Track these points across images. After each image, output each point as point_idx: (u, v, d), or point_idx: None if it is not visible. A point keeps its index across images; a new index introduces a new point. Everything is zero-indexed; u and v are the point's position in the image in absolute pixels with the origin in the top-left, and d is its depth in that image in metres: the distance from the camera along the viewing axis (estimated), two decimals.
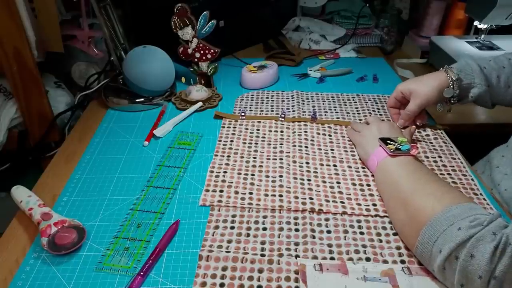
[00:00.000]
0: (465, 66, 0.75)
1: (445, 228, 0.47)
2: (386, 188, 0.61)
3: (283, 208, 0.61)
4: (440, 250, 0.47)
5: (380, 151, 0.64)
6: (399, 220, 0.56)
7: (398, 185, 0.57)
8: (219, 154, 0.73)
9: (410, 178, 0.57)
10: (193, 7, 0.85)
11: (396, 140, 0.65)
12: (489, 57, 0.76)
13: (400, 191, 0.56)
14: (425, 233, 0.49)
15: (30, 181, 0.67)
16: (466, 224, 0.46)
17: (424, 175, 0.57)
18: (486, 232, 0.44)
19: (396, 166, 0.61)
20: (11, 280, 0.50)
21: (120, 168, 0.70)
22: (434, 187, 0.54)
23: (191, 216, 0.60)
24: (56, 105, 0.95)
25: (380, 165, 0.63)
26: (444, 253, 0.46)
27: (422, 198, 0.53)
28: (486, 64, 0.75)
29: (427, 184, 0.55)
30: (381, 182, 0.63)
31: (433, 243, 0.48)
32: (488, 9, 0.98)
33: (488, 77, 0.74)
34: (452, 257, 0.45)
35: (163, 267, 0.52)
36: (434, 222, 0.48)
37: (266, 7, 1.22)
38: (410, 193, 0.55)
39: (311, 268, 0.51)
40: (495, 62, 0.75)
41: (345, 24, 1.25)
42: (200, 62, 0.92)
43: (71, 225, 0.56)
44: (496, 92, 0.75)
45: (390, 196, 0.59)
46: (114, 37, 0.92)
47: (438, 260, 0.47)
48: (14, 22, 0.79)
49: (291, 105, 0.89)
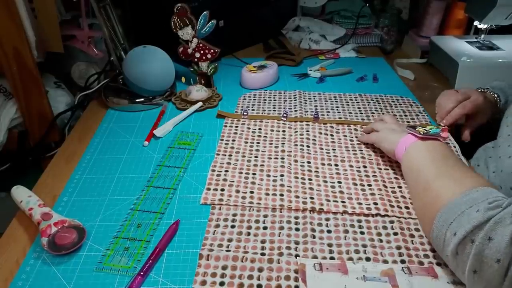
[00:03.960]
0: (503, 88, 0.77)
1: (462, 210, 0.45)
2: (412, 173, 0.60)
3: (284, 207, 0.61)
4: (455, 233, 0.44)
5: (409, 137, 0.63)
6: (419, 206, 0.55)
7: (423, 170, 0.56)
8: (221, 153, 0.73)
9: (434, 164, 0.56)
10: (193, 7, 0.85)
11: (424, 127, 0.63)
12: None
13: (423, 176, 0.56)
14: (442, 216, 0.47)
15: (30, 181, 0.67)
16: (484, 206, 0.44)
17: (449, 160, 0.56)
18: (506, 215, 0.42)
19: (424, 150, 0.59)
20: (12, 281, 0.50)
21: (120, 168, 0.70)
22: (457, 172, 0.53)
23: (191, 216, 0.60)
24: (56, 105, 0.95)
25: (408, 150, 0.62)
26: (459, 236, 0.43)
27: (443, 182, 0.51)
28: None
29: (451, 169, 0.54)
30: (406, 169, 0.62)
31: (448, 225, 0.45)
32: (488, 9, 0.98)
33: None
34: (467, 240, 0.43)
35: (163, 267, 0.52)
36: (452, 205, 0.47)
37: (266, 7, 1.22)
38: (432, 178, 0.54)
39: (311, 268, 0.51)
40: None
41: (345, 24, 1.25)
42: (200, 62, 0.92)
43: (71, 225, 0.56)
44: None
45: (414, 181, 0.58)
46: (114, 37, 0.92)
47: (451, 244, 0.45)
48: (14, 22, 0.79)
49: (293, 105, 0.89)
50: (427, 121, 0.84)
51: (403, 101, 0.91)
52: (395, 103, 0.90)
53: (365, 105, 0.89)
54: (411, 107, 0.89)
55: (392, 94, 0.94)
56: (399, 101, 0.91)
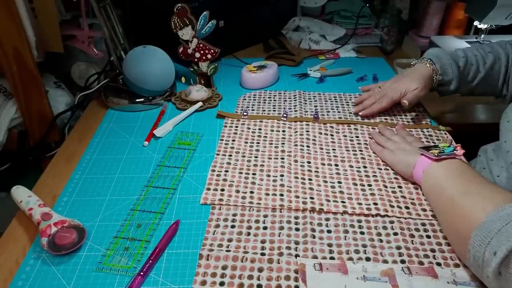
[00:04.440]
0: (447, 68, 0.79)
1: (499, 227, 0.43)
2: (434, 194, 0.58)
3: (284, 207, 0.61)
4: (495, 252, 0.42)
5: (424, 159, 0.62)
6: (448, 227, 0.53)
7: (447, 190, 0.55)
8: (220, 153, 0.73)
9: (458, 181, 0.54)
10: (193, 7, 0.85)
11: (437, 145, 0.63)
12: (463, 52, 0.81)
13: (448, 195, 0.54)
14: (477, 235, 0.45)
15: (30, 181, 0.67)
16: None
17: (473, 177, 0.54)
18: None
19: (443, 170, 0.58)
20: (11, 281, 0.50)
21: (120, 168, 0.70)
22: (484, 188, 0.51)
23: (191, 216, 0.60)
24: (56, 105, 0.95)
25: (426, 172, 0.60)
26: (501, 255, 0.41)
27: (471, 199, 0.49)
28: (464, 61, 0.79)
29: (477, 185, 0.52)
30: (428, 190, 0.60)
31: (486, 245, 0.43)
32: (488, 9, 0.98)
33: (463, 77, 0.80)
34: (510, 258, 0.41)
35: (163, 267, 0.52)
36: (486, 223, 0.44)
37: (266, 7, 1.22)
38: (458, 194, 0.52)
39: (311, 268, 0.51)
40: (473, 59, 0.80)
41: (345, 24, 1.25)
42: (200, 62, 0.92)
43: (71, 225, 0.56)
44: (463, 88, 0.82)
45: (439, 203, 0.56)
46: (114, 37, 0.92)
47: (492, 264, 0.42)
48: (14, 22, 0.79)
49: (293, 105, 0.89)
50: (427, 121, 0.84)
51: None
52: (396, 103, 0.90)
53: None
54: (411, 107, 0.89)
55: None
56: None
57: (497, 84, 0.81)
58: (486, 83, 0.81)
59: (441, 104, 1.07)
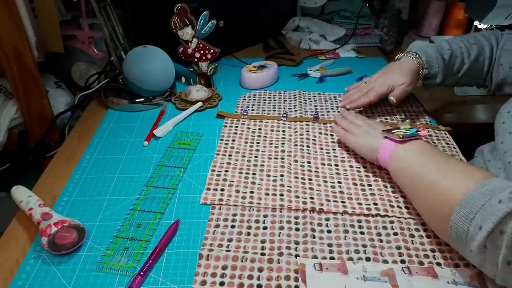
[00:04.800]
0: (432, 61, 0.80)
1: (483, 202, 0.44)
2: (406, 177, 0.58)
3: (284, 207, 0.61)
4: (480, 227, 0.43)
5: (387, 142, 0.62)
6: (426, 206, 0.53)
7: (420, 171, 0.55)
8: (220, 153, 0.73)
9: (431, 161, 0.55)
10: (193, 7, 0.85)
11: (400, 128, 0.63)
12: (448, 45, 0.81)
13: (423, 175, 0.54)
14: (460, 211, 0.45)
15: (30, 181, 0.67)
16: (506, 196, 0.43)
17: (445, 157, 0.56)
18: None
19: (411, 152, 0.58)
20: (11, 280, 0.50)
21: (120, 168, 0.70)
22: (460, 167, 0.52)
23: (191, 216, 0.60)
24: (56, 105, 0.95)
25: (393, 156, 0.61)
26: (487, 229, 0.42)
27: (451, 177, 0.50)
28: (449, 54, 0.80)
29: (452, 164, 0.53)
30: (398, 172, 0.60)
31: (471, 220, 0.44)
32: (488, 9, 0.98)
33: (448, 70, 0.80)
34: (496, 232, 0.42)
35: (163, 267, 0.52)
36: (469, 199, 0.45)
37: (266, 7, 1.22)
38: (435, 175, 0.52)
39: (311, 268, 0.51)
40: (458, 51, 0.80)
41: (344, 24, 1.25)
42: (200, 62, 0.92)
43: (71, 225, 0.56)
44: (448, 80, 0.82)
45: (413, 184, 0.57)
46: (114, 37, 0.92)
47: (478, 238, 0.43)
48: (14, 22, 0.79)
49: (293, 105, 0.89)
50: (426, 121, 0.84)
51: (403, 102, 0.91)
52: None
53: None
54: (410, 107, 0.89)
55: None
56: None
57: (481, 75, 0.82)
58: (470, 75, 0.82)
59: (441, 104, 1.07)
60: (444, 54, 0.79)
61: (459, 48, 0.80)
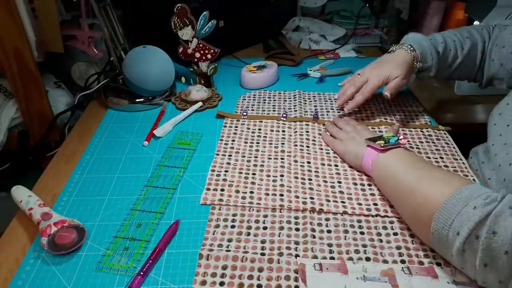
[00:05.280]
0: (427, 55, 0.79)
1: (459, 209, 0.46)
2: (388, 184, 0.60)
3: (284, 208, 0.61)
4: (458, 232, 0.45)
5: (370, 151, 0.64)
6: (408, 212, 0.55)
7: (401, 177, 0.56)
8: (220, 153, 0.73)
9: (411, 169, 0.56)
10: (193, 7, 0.85)
11: (382, 136, 0.65)
12: (443, 39, 0.81)
13: (404, 182, 0.55)
14: (439, 218, 0.47)
15: (30, 181, 0.67)
16: (480, 202, 0.45)
17: (424, 164, 0.57)
18: (503, 207, 0.44)
19: (391, 160, 0.60)
20: (11, 280, 0.50)
21: (120, 168, 0.70)
22: (438, 173, 0.54)
23: (191, 216, 0.60)
24: (56, 105, 0.95)
25: (374, 163, 0.63)
26: (463, 234, 0.44)
27: (430, 184, 0.52)
28: (443, 48, 0.80)
29: (431, 171, 0.55)
30: (380, 179, 0.62)
31: (449, 226, 0.46)
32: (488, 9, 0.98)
33: (442, 63, 0.81)
34: (472, 237, 0.44)
35: (163, 267, 0.52)
36: (447, 205, 0.47)
37: (266, 7, 1.22)
38: (415, 182, 0.54)
39: (311, 268, 0.51)
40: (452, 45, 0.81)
41: (344, 24, 1.25)
42: (200, 62, 0.92)
43: (71, 225, 0.56)
44: (441, 73, 0.83)
45: (394, 191, 0.58)
46: (114, 37, 0.92)
47: (456, 243, 0.46)
48: (14, 22, 0.79)
49: (293, 105, 0.89)
50: (426, 121, 0.84)
51: (402, 101, 0.91)
52: (395, 103, 0.90)
53: (364, 105, 0.89)
54: (410, 107, 0.89)
55: None
56: (398, 101, 0.91)
57: (473, 70, 0.83)
58: (463, 69, 0.82)
59: (441, 104, 1.07)
60: (438, 47, 0.79)
61: (453, 41, 0.81)
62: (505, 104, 0.70)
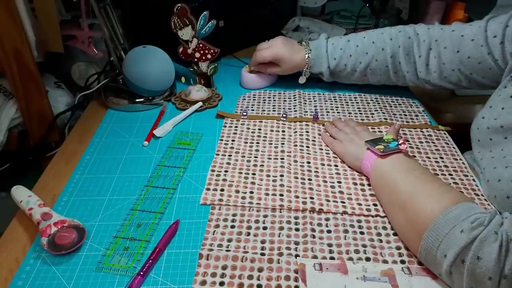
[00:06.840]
0: (316, 64, 0.88)
1: (447, 231, 0.46)
2: (384, 191, 0.60)
3: (284, 208, 0.61)
4: (445, 255, 0.46)
5: (370, 154, 0.64)
6: (399, 224, 0.55)
7: (396, 188, 0.57)
8: (220, 153, 0.73)
9: (406, 179, 0.57)
10: (193, 7, 0.85)
11: (382, 139, 0.65)
12: (355, 44, 0.87)
13: (398, 193, 0.56)
14: (428, 238, 0.48)
15: (30, 181, 0.67)
16: (467, 225, 0.46)
17: (420, 174, 0.57)
18: (489, 232, 0.44)
19: (390, 166, 0.60)
20: (11, 280, 0.50)
21: (120, 168, 0.70)
22: (432, 188, 0.54)
23: (191, 216, 0.60)
24: (56, 105, 0.95)
25: (373, 167, 0.63)
26: (450, 258, 0.45)
27: (421, 200, 0.52)
28: (341, 56, 0.86)
29: (425, 184, 0.55)
30: (377, 185, 0.62)
31: (437, 248, 0.47)
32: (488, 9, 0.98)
33: (335, 73, 0.89)
34: (458, 261, 0.45)
35: (163, 267, 0.52)
36: (435, 226, 0.48)
37: (266, 7, 1.22)
38: (408, 196, 0.54)
39: (311, 268, 0.51)
40: (357, 52, 0.86)
41: (344, 24, 1.25)
42: (200, 62, 0.92)
43: (71, 225, 0.56)
44: (339, 79, 0.91)
45: (388, 200, 0.58)
46: (114, 37, 0.92)
47: (444, 265, 0.46)
48: (14, 22, 0.79)
49: (292, 105, 0.89)
50: (426, 121, 0.84)
51: (402, 101, 0.91)
52: (395, 103, 0.90)
53: (364, 105, 0.89)
54: (410, 107, 0.89)
55: (392, 94, 0.94)
56: (398, 101, 0.91)
57: (388, 75, 0.87)
58: (372, 74, 0.88)
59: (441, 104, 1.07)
60: (331, 58, 0.86)
61: (355, 46, 0.85)
62: (480, 118, 0.69)
